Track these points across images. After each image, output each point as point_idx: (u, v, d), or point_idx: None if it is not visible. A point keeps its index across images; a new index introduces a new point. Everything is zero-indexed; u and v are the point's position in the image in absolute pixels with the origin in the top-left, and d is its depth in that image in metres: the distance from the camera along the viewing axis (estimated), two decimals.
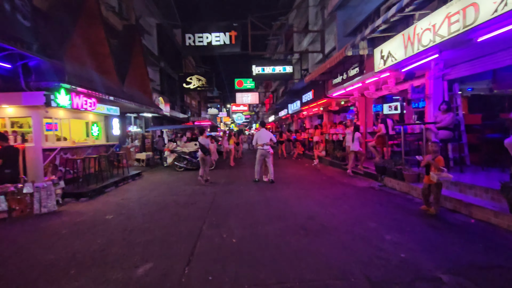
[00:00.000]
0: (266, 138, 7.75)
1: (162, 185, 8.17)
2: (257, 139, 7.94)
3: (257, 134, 8.10)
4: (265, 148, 7.72)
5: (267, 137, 7.77)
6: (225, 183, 8.22)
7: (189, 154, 11.21)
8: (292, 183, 7.78)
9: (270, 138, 7.79)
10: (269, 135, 7.84)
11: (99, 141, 9.75)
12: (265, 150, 7.73)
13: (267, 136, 7.78)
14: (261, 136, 7.88)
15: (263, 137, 7.81)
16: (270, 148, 7.88)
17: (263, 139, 7.78)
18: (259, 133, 8.07)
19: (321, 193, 6.40)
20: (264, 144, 7.73)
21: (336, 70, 9.84)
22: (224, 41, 11.60)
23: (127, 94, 10.65)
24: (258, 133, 8.08)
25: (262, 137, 7.82)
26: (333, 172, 9.59)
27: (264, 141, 7.73)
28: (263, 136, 7.83)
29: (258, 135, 7.99)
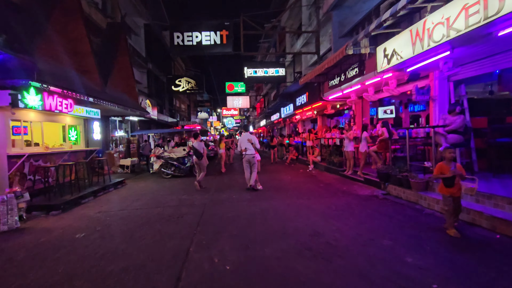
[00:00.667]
0: (247, 142, 7.24)
1: (147, 195, 7.44)
2: (240, 144, 7.44)
3: (240, 139, 7.54)
4: (249, 153, 7.20)
5: (248, 141, 7.25)
6: (216, 191, 7.57)
7: (177, 160, 10.49)
8: (288, 191, 7.20)
9: (251, 143, 7.25)
10: (253, 140, 7.30)
11: (78, 147, 8.94)
12: (250, 155, 7.21)
13: (248, 140, 7.26)
14: (244, 141, 7.35)
15: (247, 142, 7.29)
16: (256, 154, 7.38)
17: (247, 145, 7.26)
18: (241, 138, 7.54)
19: (322, 203, 5.84)
20: (247, 149, 7.22)
21: (333, 71, 9.40)
22: (215, 40, 11.02)
23: (110, 96, 9.88)
24: (241, 138, 7.51)
25: (246, 142, 7.29)
26: (330, 178, 9.07)
27: (248, 146, 7.22)
28: (245, 140, 7.32)
29: (241, 140, 7.45)
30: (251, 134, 7.74)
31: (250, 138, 7.45)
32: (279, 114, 19.77)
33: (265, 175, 10.33)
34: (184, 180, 9.82)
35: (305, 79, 10.03)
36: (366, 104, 10.57)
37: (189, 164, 10.43)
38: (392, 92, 7.44)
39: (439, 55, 5.04)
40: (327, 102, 10.92)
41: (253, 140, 7.47)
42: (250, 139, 7.40)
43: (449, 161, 3.94)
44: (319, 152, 11.79)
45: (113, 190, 8.39)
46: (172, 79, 18.23)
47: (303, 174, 10.36)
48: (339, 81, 8.76)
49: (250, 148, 7.31)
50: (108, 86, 10.25)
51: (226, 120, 50.70)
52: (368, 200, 6.05)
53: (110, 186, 8.50)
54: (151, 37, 18.91)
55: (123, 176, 10.80)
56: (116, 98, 10.29)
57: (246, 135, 7.55)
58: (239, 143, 7.51)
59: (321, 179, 9.11)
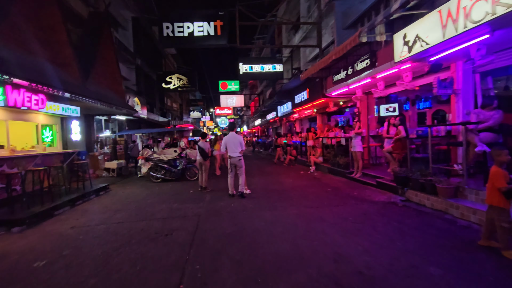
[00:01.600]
0: (236, 144, 6.43)
1: (132, 203, 6.50)
2: (226, 145, 6.50)
3: (225, 140, 6.55)
4: (235, 156, 6.45)
5: (237, 143, 6.46)
6: (211, 199, 6.68)
7: (168, 163, 9.56)
8: (293, 198, 6.37)
9: (240, 145, 6.50)
10: (239, 141, 6.52)
11: (54, 149, 7.93)
12: (236, 158, 6.45)
13: (236, 142, 6.47)
14: (230, 141, 6.47)
15: (233, 143, 6.45)
16: (242, 157, 6.56)
17: (232, 147, 6.43)
18: (228, 138, 6.56)
19: (335, 213, 5.03)
20: (233, 151, 6.43)
21: (338, 65, 8.63)
22: (208, 31, 10.09)
23: (91, 92, 8.89)
24: (227, 138, 6.56)
25: (231, 143, 6.45)
26: (336, 181, 8.29)
27: (234, 148, 6.42)
28: (233, 142, 6.46)
29: (227, 140, 6.51)
30: (238, 134, 6.86)
31: (238, 138, 6.57)
32: (275, 112, 18.96)
33: (264, 177, 9.50)
34: (175, 184, 8.90)
35: (306, 73, 9.24)
36: (371, 101, 9.83)
37: (181, 166, 9.52)
38: (406, 86, 6.69)
39: (474, 39, 4.29)
40: (330, 98, 10.15)
41: (241, 141, 6.64)
42: (237, 140, 6.53)
43: (501, 165, 3.18)
44: (321, 153, 11.03)
45: (94, 197, 7.42)
46: (163, 75, 17.20)
47: (305, 177, 9.56)
48: (346, 75, 7.98)
49: (236, 150, 6.48)
50: (89, 81, 9.25)
51: (220, 120, 49.61)
52: (387, 208, 5.27)
53: (92, 193, 7.52)
54: (140, 32, 17.85)
55: (108, 181, 9.80)
56: (99, 94, 9.30)
57: (233, 135, 6.63)
58: (224, 144, 6.51)
59: (326, 182, 8.33)
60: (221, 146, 6.57)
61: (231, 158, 6.49)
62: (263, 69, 14.17)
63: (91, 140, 12.34)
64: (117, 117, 14.55)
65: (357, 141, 7.86)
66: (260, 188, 7.63)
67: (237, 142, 6.47)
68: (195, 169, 9.73)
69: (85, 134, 12.23)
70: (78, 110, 8.14)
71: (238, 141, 6.48)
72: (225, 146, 6.51)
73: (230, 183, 6.67)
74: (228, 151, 6.49)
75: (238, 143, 6.46)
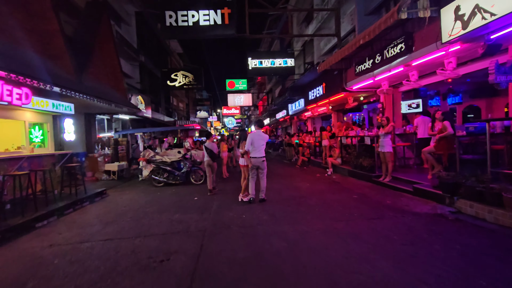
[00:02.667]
0: (261, 143, 5.77)
1: (128, 213, 5.63)
2: (253, 143, 5.71)
3: (251, 137, 5.80)
4: (258, 156, 5.77)
5: (263, 142, 5.81)
6: (219, 207, 5.76)
7: (171, 165, 8.69)
8: (315, 208, 5.39)
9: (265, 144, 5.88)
10: (264, 140, 5.87)
11: (44, 150, 7.15)
12: (259, 159, 5.76)
13: (262, 141, 5.80)
14: (256, 140, 5.74)
15: (259, 142, 5.74)
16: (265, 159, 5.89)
17: (258, 146, 5.72)
18: (254, 135, 5.81)
19: (372, 230, 4.03)
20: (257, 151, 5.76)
21: (362, 53, 7.61)
22: (215, 20, 9.15)
23: (87, 88, 8.10)
24: (254, 136, 5.80)
25: (257, 142, 5.73)
26: (360, 186, 7.26)
27: (259, 147, 5.74)
28: (259, 140, 5.75)
29: (253, 138, 5.75)
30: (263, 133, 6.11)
31: (264, 137, 5.88)
32: (286, 111, 17.94)
33: (277, 181, 8.54)
34: (179, 189, 8.02)
35: (325, 65, 8.24)
36: (397, 95, 8.77)
37: (185, 169, 8.63)
38: (449, 75, 5.63)
39: None
40: (350, 93, 9.11)
41: (267, 140, 5.98)
42: (263, 139, 5.85)
43: None
44: (339, 153, 10.00)
45: (87, 205, 6.59)
46: (167, 73, 16.43)
47: (323, 180, 8.56)
48: (372, 65, 6.95)
49: (261, 149, 5.80)
50: (86, 76, 8.47)
51: (227, 120, 48.87)
52: (437, 223, 4.24)
53: (85, 200, 6.70)
54: (144, 28, 17.15)
55: (107, 185, 9.01)
56: (96, 90, 8.51)
57: (259, 133, 5.92)
58: (249, 141, 5.73)
59: (349, 187, 7.31)
60: (246, 144, 5.76)
61: (254, 159, 5.74)
62: (273, 64, 13.20)
63: (92, 141, 11.61)
64: (120, 117, 13.83)
65: (387, 140, 6.82)
66: (274, 194, 6.67)
67: (263, 141, 5.80)
68: (201, 171, 8.84)
69: (85, 134, 11.53)
70: (71, 107, 7.33)
71: (264, 140, 5.81)
72: (250, 144, 5.71)
73: (252, 186, 5.93)
74: (251, 150, 5.73)
75: (263, 142, 5.80)
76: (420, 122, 8.00)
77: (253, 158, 5.77)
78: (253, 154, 5.78)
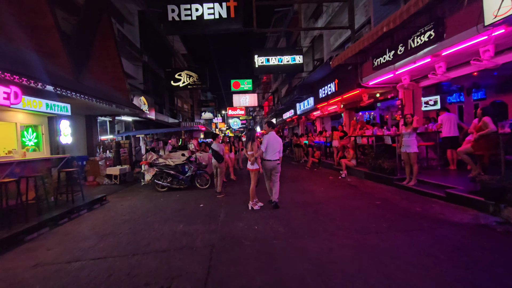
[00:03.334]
0: (276, 146, 5.41)
1: (127, 223, 5.09)
2: (268, 145, 5.35)
3: (267, 139, 5.39)
4: (273, 159, 5.40)
5: (278, 144, 5.43)
6: (227, 215, 5.19)
7: (175, 169, 8.15)
8: (335, 216, 4.77)
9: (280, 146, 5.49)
10: (279, 143, 5.49)
11: (39, 154, 6.66)
12: (275, 162, 5.41)
13: (278, 144, 5.43)
14: (271, 142, 5.37)
15: (273, 145, 5.38)
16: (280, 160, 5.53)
17: (272, 148, 5.36)
18: (270, 138, 5.41)
19: (410, 245, 3.40)
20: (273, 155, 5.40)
21: (380, 45, 6.97)
22: (220, 14, 8.60)
23: (86, 87, 7.63)
24: (269, 138, 5.40)
25: (272, 145, 5.37)
26: (381, 190, 6.62)
27: (274, 150, 5.38)
28: (273, 143, 5.38)
29: (270, 140, 5.38)
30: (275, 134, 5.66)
31: (278, 140, 5.47)
32: (293, 110, 17.31)
33: (288, 184, 7.95)
34: (183, 194, 7.47)
35: (339, 58, 7.61)
36: (418, 91, 8.10)
37: (190, 173, 8.08)
38: (486, 65, 4.97)
39: None
40: (365, 89, 8.46)
41: (281, 142, 5.56)
42: (278, 141, 5.45)
43: None
44: (353, 154, 9.34)
45: (85, 213, 6.08)
46: (171, 72, 15.95)
47: (338, 183, 7.93)
48: (393, 56, 6.30)
49: (276, 152, 5.42)
50: (84, 75, 8.00)
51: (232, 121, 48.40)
52: (485, 237, 3.59)
53: (83, 207, 6.20)
54: (147, 27, 16.72)
55: (109, 189, 8.54)
56: (95, 90, 8.04)
57: (273, 135, 5.48)
58: (266, 143, 5.35)
59: (368, 191, 6.67)
60: (262, 146, 5.40)
61: (269, 162, 5.40)
62: (281, 61, 12.62)
63: (93, 144, 11.17)
64: (122, 118, 13.37)
65: (412, 139, 6.17)
66: (287, 200, 6.09)
67: (278, 143, 5.43)
68: (206, 175, 8.29)
69: (86, 136, 11.10)
70: (68, 108, 6.84)
71: (278, 143, 5.43)
72: (266, 147, 5.35)
73: (268, 188, 5.73)
74: (266, 153, 5.39)
75: (278, 144, 5.42)
76: (446, 119, 7.33)
77: (267, 161, 5.40)
78: (267, 157, 5.40)
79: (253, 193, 5.59)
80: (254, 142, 5.50)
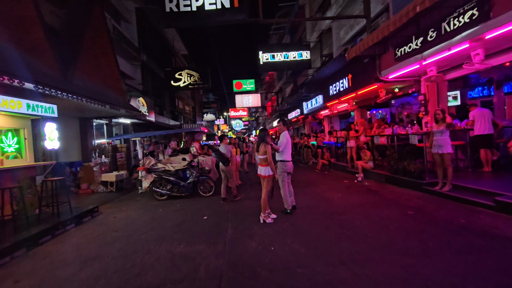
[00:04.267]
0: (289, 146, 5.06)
1: (118, 242, 4.31)
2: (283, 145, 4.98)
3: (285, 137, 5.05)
4: (287, 160, 5.03)
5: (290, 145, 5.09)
6: (235, 230, 4.40)
7: (175, 175, 7.38)
8: (365, 230, 3.97)
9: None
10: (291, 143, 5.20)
11: (20, 161, 5.92)
12: (290, 163, 5.06)
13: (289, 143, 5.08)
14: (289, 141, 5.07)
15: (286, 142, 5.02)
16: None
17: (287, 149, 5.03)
18: (287, 135, 5.08)
19: (476, 275, 2.60)
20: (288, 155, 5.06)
21: (404, 32, 6.18)
22: (223, 3, 7.79)
23: (76, 86, 6.91)
24: (286, 136, 5.07)
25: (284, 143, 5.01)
26: (408, 197, 5.80)
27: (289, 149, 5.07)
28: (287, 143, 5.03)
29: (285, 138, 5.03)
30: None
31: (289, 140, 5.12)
32: (299, 110, 16.51)
33: (300, 190, 7.18)
34: (184, 204, 6.68)
35: (356, 49, 6.80)
36: (443, 85, 7.28)
37: (192, 179, 7.30)
38: None
39: None
40: (384, 84, 7.65)
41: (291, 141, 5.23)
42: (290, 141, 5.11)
43: None
44: (371, 156, 8.52)
45: (72, 228, 5.32)
46: (171, 72, 15.21)
47: (356, 188, 7.12)
48: (422, 44, 5.49)
49: (289, 152, 5.09)
50: (74, 73, 7.28)
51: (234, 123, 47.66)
52: None
53: (71, 221, 5.44)
54: (146, 25, 16.04)
55: (104, 198, 7.81)
56: (87, 89, 7.31)
57: (287, 134, 5.11)
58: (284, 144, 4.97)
59: (393, 198, 5.85)
60: (281, 145, 5.03)
61: (284, 163, 5.00)
62: (287, 58, 11.86)
63: (88, 148, 10.44)
64: (120, 121, 12.63)
65: (446, 138, 5.37)
66: (303, 209, 5.32)
67: (289, 142, 5.08)
68: (210, 181, 7.51)
69: (80, 141, 10.39)
70: (54, 109, 6.10)
71: (290, 142, 5.09)
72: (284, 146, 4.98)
73: (285, 194, 5.10)
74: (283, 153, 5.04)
75: (290, 145, 5.10)
76: (478, 115, 6.53)
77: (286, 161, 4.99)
78: (284, 158, 5.01)
79: (265, 204, 4.81)
80: (268, 145, 4.73)
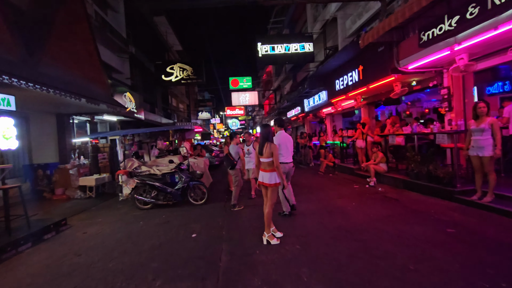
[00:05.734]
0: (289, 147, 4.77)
1: (74, 275, 3.26)
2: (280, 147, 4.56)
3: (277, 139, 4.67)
4: (288, 162, 4.74)
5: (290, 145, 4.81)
6: (232, 256, 3.38)
7: (162, 179, 6.32)
8: (399, 256, 3.00)
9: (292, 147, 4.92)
10: (291, 142, 4.87)
11: None
12: (290, 165, 4.79)
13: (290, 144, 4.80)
14: (283, 143, 4.72)
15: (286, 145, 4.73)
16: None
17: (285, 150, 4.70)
18: (281, 138, 4.75)
19: None
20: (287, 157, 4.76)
21: (434, 11, 5.22)
22: None
23: (42, 75, 5.81)
24: (281, 139, 4.73)
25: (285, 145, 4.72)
26: (437, 207, 4.85)
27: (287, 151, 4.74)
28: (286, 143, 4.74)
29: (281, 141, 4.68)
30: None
31: (290, 139, 4.85)
32: (300, 108, 15.53)
33: (305, 196, 6.26)
34: (171, 215, 5.63)
35: (373, 34, 5.80)
36: (469, 77, 6.34)
37: (180, 185, 6.24)
38: None
39: None
40: (402, 76, 6.67)
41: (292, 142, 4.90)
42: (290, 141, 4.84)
43: None
44: (383, 158, 7.56)
45: (28, 248, 4.26)
46: (162, 66, 14.05)
47: (370, 195, 6.17)
48: (457, 23, 4.51)
49: (289, 153, 4.79)
50: (41, 59, 6.18)
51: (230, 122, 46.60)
52: None
53: (27, 239, 4.38)
54: (135, 16, 14.90)
55: (79, 206, 6.76)
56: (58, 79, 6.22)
57: (284, 134, 4.83)
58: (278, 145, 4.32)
59: (420, 209, 4.89)
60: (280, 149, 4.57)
61: (283, 165, 4.56)
62: (288, 50, 10.87)
63: (66, 148, 9.33)
64: (105, 118, 11.51)
65: (488, 138, 4.41)
66: (313, 223, 4.34)
67: (290, 142, 4.81)
68: (202, 187, 6.46)
69: (57, 139, 9.27)
70: (10, 101, 4.99)
71: (290, 142, 4.80)
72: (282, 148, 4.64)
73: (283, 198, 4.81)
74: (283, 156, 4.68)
75: (290, 144, 4.80)
76: None
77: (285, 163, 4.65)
78: (283, 160, 4.63)
79: (270, 220, 3.81)
80: (274, 144, 3.78)
